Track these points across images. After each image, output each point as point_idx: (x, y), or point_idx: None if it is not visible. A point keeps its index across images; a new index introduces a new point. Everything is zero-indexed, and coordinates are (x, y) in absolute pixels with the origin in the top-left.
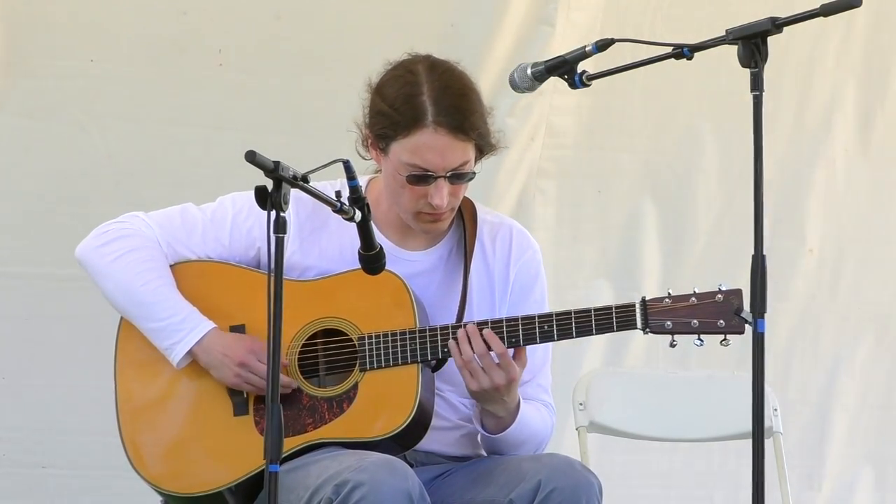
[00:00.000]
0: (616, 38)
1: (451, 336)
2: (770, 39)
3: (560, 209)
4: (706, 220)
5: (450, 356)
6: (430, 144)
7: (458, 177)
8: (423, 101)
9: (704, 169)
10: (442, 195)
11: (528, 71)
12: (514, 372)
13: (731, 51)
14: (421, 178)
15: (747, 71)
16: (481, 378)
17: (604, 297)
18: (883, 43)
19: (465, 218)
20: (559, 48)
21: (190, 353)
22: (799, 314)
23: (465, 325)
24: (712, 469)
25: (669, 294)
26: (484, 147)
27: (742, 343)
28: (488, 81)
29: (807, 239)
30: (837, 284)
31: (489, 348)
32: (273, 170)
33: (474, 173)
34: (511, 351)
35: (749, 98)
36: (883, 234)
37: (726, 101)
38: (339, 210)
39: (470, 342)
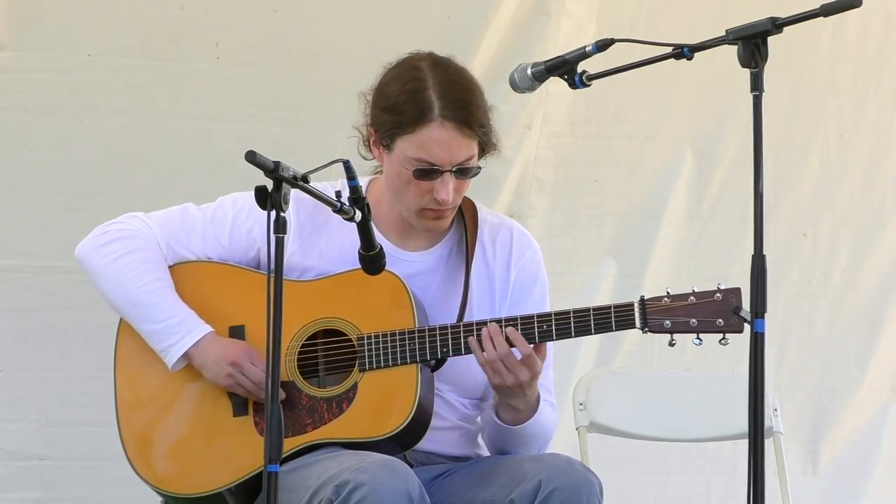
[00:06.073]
0: (616, 38)
1: (450, 335)
2: None
3: (556, 197)
4: (705, 205)
5: (449, 356)
6: (436, 138)
7: (464, 171)
8: (430, 96)
9: (702, 155)
10: (448, 189)
11: (529, 71)
12: (537, 367)
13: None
14: (427, 172)
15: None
16: (505, 375)
17: (601, 285)
18: (877, 25)
19: (466, 218)
20: (555, 36)
21: (185, 355)
22: (793, 298)
23: (487, 323)
24: (709, 456)
25: (668, 293)
26: (486, 144)
27: (740, 342)
28: (484, 69)
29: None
30: (832, 269)
31: (511, 346)
32: (273, 170)
33: (479, 168)
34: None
35: (749, 90)
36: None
37: (723, 88)
38: (338, 210)
39: (493, 342)
